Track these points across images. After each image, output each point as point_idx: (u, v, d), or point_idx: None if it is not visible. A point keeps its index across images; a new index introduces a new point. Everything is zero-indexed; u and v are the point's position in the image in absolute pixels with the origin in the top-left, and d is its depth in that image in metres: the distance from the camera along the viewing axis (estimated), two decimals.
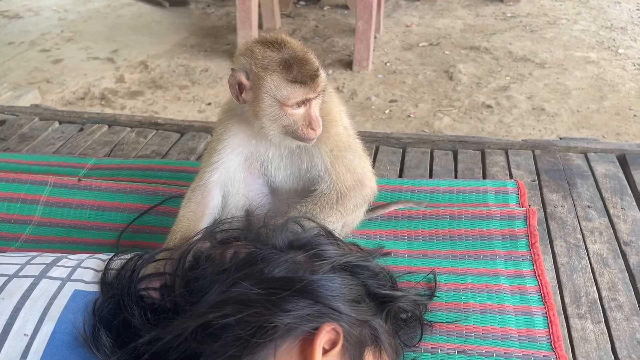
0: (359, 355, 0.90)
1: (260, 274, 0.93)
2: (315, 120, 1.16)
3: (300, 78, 1.11)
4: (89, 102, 4.25)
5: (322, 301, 0.90)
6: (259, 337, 0.84)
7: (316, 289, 0.91)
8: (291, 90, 1.11)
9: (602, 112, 3.91)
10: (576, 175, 1.84)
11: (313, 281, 0.92)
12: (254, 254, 0.99)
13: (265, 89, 1.12)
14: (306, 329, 0.87)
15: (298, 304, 0.88)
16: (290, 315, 0.86)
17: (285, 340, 0.87)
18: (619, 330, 1.29)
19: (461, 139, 2.06)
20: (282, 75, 1.11)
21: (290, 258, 0.96)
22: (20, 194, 1.68)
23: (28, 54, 5.12)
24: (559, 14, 5.65)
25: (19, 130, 2.22)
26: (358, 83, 4.41)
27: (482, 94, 4.17)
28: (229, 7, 6.03)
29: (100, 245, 1.52)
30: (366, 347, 0.92)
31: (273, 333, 0.85)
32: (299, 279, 0.92)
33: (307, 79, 1.11)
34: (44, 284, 1.07)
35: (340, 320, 0.90)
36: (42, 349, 0.97)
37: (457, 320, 1.26)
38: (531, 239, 1.49)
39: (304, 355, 0.86)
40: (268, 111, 1.14)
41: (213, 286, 0.95)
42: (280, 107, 1.14)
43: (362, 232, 1.52)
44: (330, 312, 0.89)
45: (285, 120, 1.15)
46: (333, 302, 0.91)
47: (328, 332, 0.87)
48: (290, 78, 1.11)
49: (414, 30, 5.39)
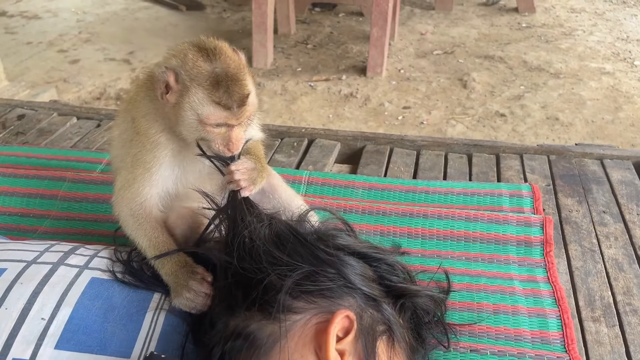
0: (372, 344, 0.90)
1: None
2: (233, 143, 1.05)
3: (224, 101, 1.00)
4: (105, 102, 4.30)
5: (337, 266, 0.92)
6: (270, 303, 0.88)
7: (333, 255, 0.94)
8: (212, 111, 1.01)
9: (617, 122, 3.89)
10: (592, 180, 1.83)
11: (331, 251, 0.94)
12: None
13: (188, 100, 1.01)
14: (316, 301, 0.90)
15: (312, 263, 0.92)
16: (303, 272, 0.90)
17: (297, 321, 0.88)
18: (634, 335, 1.28)
19: (476, 143, 2.06)
20: (207, 93, 1.00)
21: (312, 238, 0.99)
22: (40, 189, 1.70)
23: (46, 53, 5.19)
24: (574, 25, 5.64)
25: (38, 124, 2.26)
26: (372, 89, 4.42)
27: (496, 103, 4.17)
28: (244, 12, 6.08)
29: (116, 237, 1.53)
30: (379, 337, 0.93)
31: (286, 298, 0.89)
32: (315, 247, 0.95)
33: (233, 104, 1.01)
34: (62, 271, 1.09)
35: (353, 294, 0.92)
36: (59, 333, 0.98)
37: (470, 320, 1.25)
38: (546, 247, 1.48)
39: (317, 342, 0.86)
40: (186, 122, 1.04)
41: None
42: (199, 122, 1.03)
43: (375, 227, 1.53)
44: (342, 280, 0.91)
45: (203, 134, 1.05)
46: (347, 272, 0.93)
47: (342, 319, 0.88)
48: (215, 98, 1.00)
49: (429, 38, 5.40)
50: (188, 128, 1.05)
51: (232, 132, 1.05)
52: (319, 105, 4.21)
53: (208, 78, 1.01)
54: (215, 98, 1.00)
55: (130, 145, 1.14)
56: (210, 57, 1.03)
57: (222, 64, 1.02)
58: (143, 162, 1.12)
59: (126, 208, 1.16)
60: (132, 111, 1.15)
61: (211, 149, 1.07)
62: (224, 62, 1.03)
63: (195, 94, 1.01)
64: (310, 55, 5.06)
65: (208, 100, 1.00)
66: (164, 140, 1.11)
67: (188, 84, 1.01)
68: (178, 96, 1.03)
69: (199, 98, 1.01)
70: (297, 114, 4.08)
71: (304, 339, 0.87)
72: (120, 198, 1.17)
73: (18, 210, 1.65)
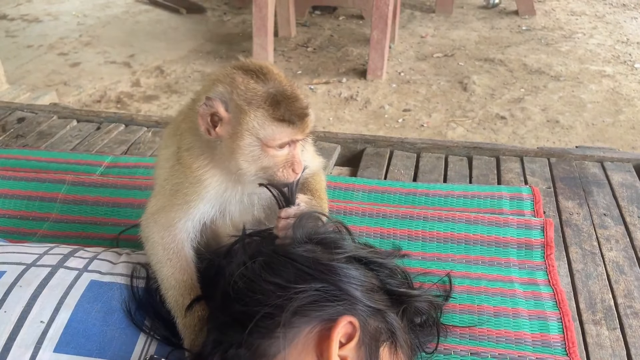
0: (375, 350, 0.90)
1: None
2: (298, 163, 1.01)
3: (288, 117, 0.96)
4: (105, 105, 4.30)
5: (337, 284, 0.91)
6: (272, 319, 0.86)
7: (332, 271, 0.92)
8: (277, 130, 0.96)
9: (618, 125, 3.89)
10: (592, 183, 1.83)
11: (329, 265, 0.92)
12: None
13: (247, 126, 0.95)
14: (319, 314, 0.88)
15: (312, 285, 0.89)
16: (304, 295, 0.87)
17: (301, 330, 0.87)
18: (635, 337, 1.28)
19: (476, 145, 2.06)
20: (268, 113, 0.95)
21: (308, 248, 0.97)
22: (39, 192, 1.70)
23: (46, 57, 5.19)
24: (574, 28, 5.64)
25: (38, 127, 2.26)
26: (372, 92, 4.42)
27: (496, 105, 4.17)
28: (245, 15, 6.09)
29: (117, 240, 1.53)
30: (382, 343, 0.92)
31: (288, 318, 0.86)
32: (314, 261, 0.93)
33: (296, 119, 0.97)
34: (61, 274, 1.08)
35: (356, 308, 0.91)
36: (57, 336, 0.98)
37: (471, 323, 1.25)
38: (547, 250, 1.48)
39: (320, 348, 0.86)
40: (247, 151, 0.97)
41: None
42: (261, 148, 0.97)
43: (375, 230, 1.52)
44: (345, 296, 0.90)
45: (265, 161, 0.99)
46: (348, 287, 0.91)
47: (345, 325, 0.87)
48: (277, 116, 0.95)
49: (429, 41, 5.41)
50: (248, 159, 0.98)
51: (295, 152, 1.01)
52: (319, 108, 4.21)
53: (266, 99, 0.96)
54: (277, 116, 0.95)
55: (172, 173, 1.08)
56: (261, 78, 0.98)
57: (275, 83, 0.98)
58: (184, 194, 1.06)
59: (157, 235, 1.09)
60: (178, 141, 1.09)
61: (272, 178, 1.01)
62: (277, 81, 0.99)
63: (255, 118, 0.95)
64: (311, 58, 5.06)
65: (270, 120, 0.95)
66: (208, 178, 1.05)
67: (245, 108, 0.95)
68: (231, 126, 0.97)
69: (260, 120, 0.95)
70: None
71: (308, 347, 0.87)
72: (153, 222, 1.10)
73: (18, 213, 1.65)
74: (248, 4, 5.41)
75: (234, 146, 0.98)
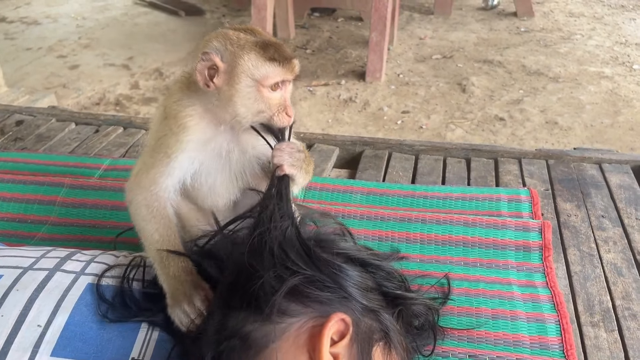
0: (368, 349, 0.90)
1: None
2: (290, 107, 1.10)
3: (278, 57, 1.06)
4: (104, 108, 4.30)
5: (334, 278, 0.91)
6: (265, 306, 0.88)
7: (330, 265, 0.93)
8: (270, 69, 1.06)
9: (616, 126, 3.89)
10: (590, 185, 1.83)
11: (328, 260, 0.93)
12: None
13: (242, 68, 1.05)
14: (312, 305, 0.89)
15: (309, 271, 0.90)
16: (300, 277, 0.89)
17: (292, 324, 0.88)
18: (633, 339, 1.28)
19: (474, 147, 2.06)
20: (260, 54, 1.05)
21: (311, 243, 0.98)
22: (38, 195, 1.71)
23: (45, 59, 5.20)
24: (573, 29, 5.65)
25: (36, 130, 2.26)
26: (371, 94, 4.43)
27: (495, 107, 4.17)
28: (244, 17, 6.09)
29: (116, 243, 1.53)
30: (375, 343, 0.92)
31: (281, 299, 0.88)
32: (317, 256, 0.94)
33: (284, 59, 1.07)
34: (58, 277, 1.08)
35: (350, 305, 0.91)
36: (54, 340, 0.98)
37: (469, 326, 1.25)
38: (545, 252, 1.48)
39: (311, 344, 0.86)
40: (244, 93, 1.06)
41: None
42: (257, 88, 1.06)
43: (374, 232, 1.53)
44: (340, 291, 0.91)
45: (261, 104, 1.07)
46: (344, 283, 0.92)
47: (337, 322, 0.87)
48: (269, 56, 1.05)
49: (428, 43, 5.41)
50: (245, 100, 1.06)
51: (287, 95, 1.10)
52: (318, 110, 4.21)
53: (257, 44, 1.06)
54: (268, 56, 1.05)
55: (159, 129, 1.15)
56: (250, 33, 1.09)
57: (262, 36, 1.09)
58: (165, 145, 1.12)
59: (140, 196, 1.14)
60: (165, 100, 1.17)
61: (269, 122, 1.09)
62: (264, 34, 1.10)
63: (249, 59, 1.05)
64: (310, 60, 5.06)
65: (263, 60, 1.05)
66: (192, 125, 1.11)
67: (239, 52, 1.05)
68: (227, 74, 1.06)
69: (254, 61, 1.05)
70: (297, 119, 4.06)
71: (299, 341, 0.87)
72: (136, 184, 1.15)
73: (16, 216, 1.65)
74: (247, 6, 5.42)
75: (232, 91, 1.06)
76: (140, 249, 1.17)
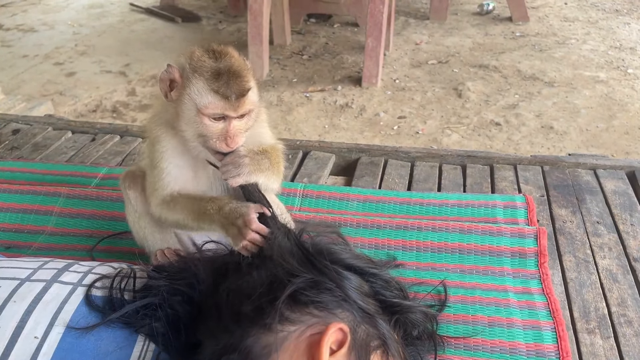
0: (365, 357, 0.90)
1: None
2: (231, 138, 1.09)
3: (223, 91, 1.06)
4: (101, 115, 4.30)
5: (335, 280, 0.92)
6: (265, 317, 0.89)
7: (330, 269, 0.94)
8: (210, 100, 1.06)
9: (611, 131, 3.90)
10: (585, 191, 1.84)
11: (328, 265, 0.94)
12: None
13: (189, 91, 1.08)
14: (311, 317, 0.90)
15: (309, 274, 0.92)
16: (300, 280, 0.91)
17: (291, 334, 0.88)
18: (629, 346, 1.28)
19: (470, 154, 2.07)
20: (207, 83, 1.06)
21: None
22: (35, 205, 1.71)
23: (42, 66, 5.20)
24: (568, 34, 5.67)
25: (33, 139, 2.26)
26: (367, 99, 4.44)
27: (491, 112, 4.18)
28: (240, 24, 6.11)
29: (111, 252, 1.53)
30: (373, 350, 0.93)
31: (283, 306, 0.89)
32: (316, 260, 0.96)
33: (231, 95, 1.06)
34: (55, 289, 1.08)
35: (348, 308, 0.92)
36: (51, 352, 0.98)
37: (465, 333, 1.25)
38: (540, 259, 1.49)
39: (311, 354, 0.86)
40: (187, 113, 1.10)
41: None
42: (197, 114, 1.08)
43: (370, 240, 1.53)
44: (340, 293, 0.92)
45: (201, 128, 1.09)
46: (344, 284, 0.93)
47: (335, 332, 0.88)
48: (213, 87, 1.06)
49: (423, 48, 5.43)
50: (187, 121, 1.11)
51: (230, 126, 1.09)
52: (314, 115, 4.22)
53: (210, 70, 1.07)
54: (214, 87, 1.05)
55: (145, 150, 1.27)
56: (216, 56, 1.09)
57: (226, 62, 1.08)
58: (153, 160, 1.21)
59: (159, 207, 1.24)
60: (148, 123, 1.26)
61: (208, 145, 1.11)
62: (228, 61, 1.09)
63: (195, 84, 1.07)
64: (306, 66, 5.07)
65: (207, 89, 1.06)
66: (163, 135, 1.19)
67: (190, 75, 1.07)
68: (180, 91, 1.10)
69: (199, 88, 1.06)
70: (293, 125, 4.09)
71: (298, 351, 0.88)
72: (155, 205, 1.25)
73: (13, 226, 1.65)
74: (243, 12, 5.43)
75: (179, 108, 1.11)
76: (144, 259, 1.22)
